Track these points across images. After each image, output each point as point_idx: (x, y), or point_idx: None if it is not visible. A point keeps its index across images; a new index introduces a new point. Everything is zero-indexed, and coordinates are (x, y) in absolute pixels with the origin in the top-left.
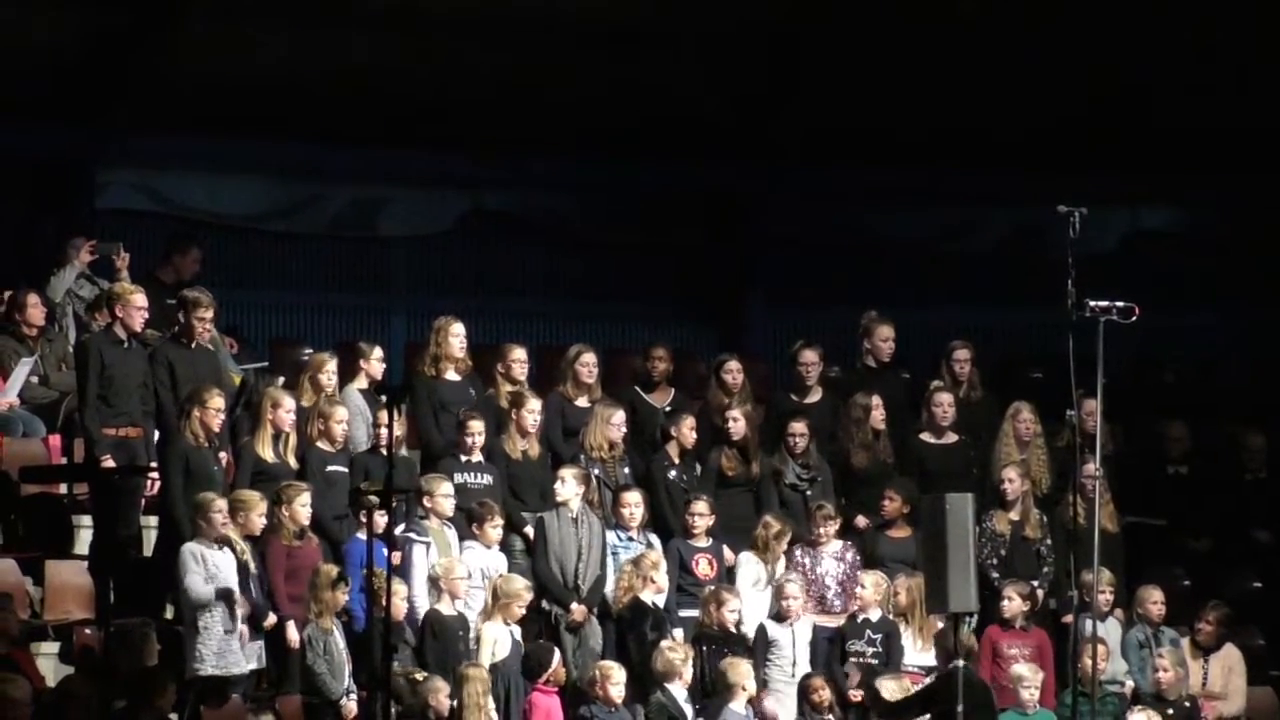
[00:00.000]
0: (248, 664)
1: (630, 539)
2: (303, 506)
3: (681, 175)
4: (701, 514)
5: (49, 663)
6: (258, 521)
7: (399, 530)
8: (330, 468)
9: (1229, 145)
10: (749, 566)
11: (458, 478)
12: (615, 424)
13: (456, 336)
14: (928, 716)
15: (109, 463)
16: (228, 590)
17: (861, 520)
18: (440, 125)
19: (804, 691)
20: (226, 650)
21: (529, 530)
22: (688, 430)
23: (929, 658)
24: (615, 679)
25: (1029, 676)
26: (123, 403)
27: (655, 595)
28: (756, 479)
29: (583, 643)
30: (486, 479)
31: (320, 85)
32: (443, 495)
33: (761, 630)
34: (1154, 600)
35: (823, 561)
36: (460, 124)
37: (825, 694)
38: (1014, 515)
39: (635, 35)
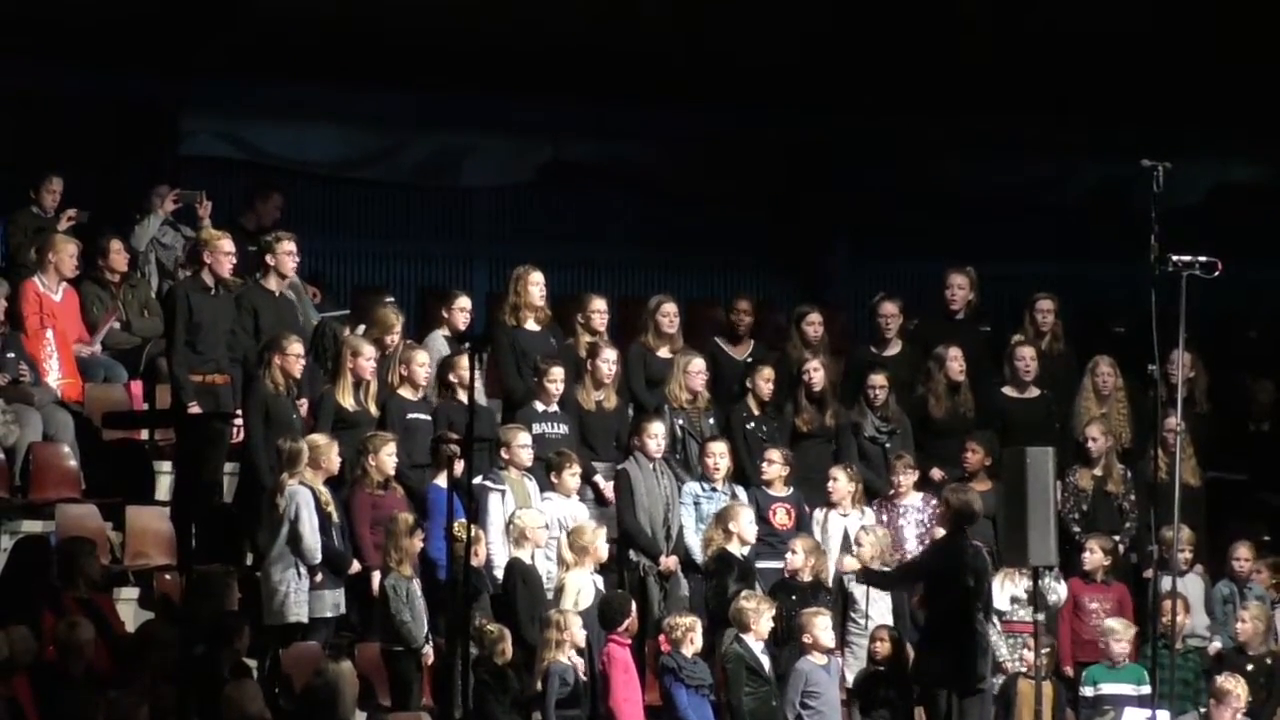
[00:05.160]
0: (327, 611)
1: (714, 489)
2: (389, 456)
3: (765, 125)
4: (773, 462)
5: (129, 608)
6: (335, 461)
7: (476, 479)
8: (411, 415)
9: None
10: (834, 522)
11: (535, 428)
12: (696, 373)
13: (536, 285)
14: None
15: (195, 409)
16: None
17: (937, 473)
18: (522, 75)
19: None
20: (306, 598)
21: (598, 479)
22: (763, 382)
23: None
24: (698, 632)
25: (1120, 630)
26: (209, 349)
27: (741, 547)
28: (832, 431)
29: (669, 593)
30: (562, 428)
31: (404, 33)
32: (520, 445)
33: (839, 582)
34: (1241, 556)
35: (902, 515)
36: (542, 73)
37: (884, 646)
38: (1097, 471)
39: None
